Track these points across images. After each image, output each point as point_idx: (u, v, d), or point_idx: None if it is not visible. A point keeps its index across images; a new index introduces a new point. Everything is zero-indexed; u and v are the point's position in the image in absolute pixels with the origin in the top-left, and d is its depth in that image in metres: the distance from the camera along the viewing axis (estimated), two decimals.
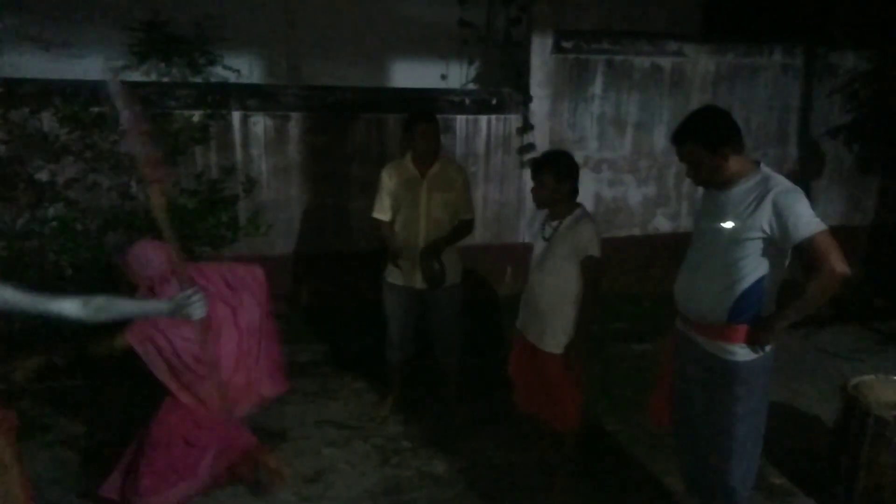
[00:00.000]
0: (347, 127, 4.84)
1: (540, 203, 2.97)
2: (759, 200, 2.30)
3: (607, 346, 4.55)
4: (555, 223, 2.93)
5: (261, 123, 4.65)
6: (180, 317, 2.25)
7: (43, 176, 3.92)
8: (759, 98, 5.68)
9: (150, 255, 2.73)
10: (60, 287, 3.82)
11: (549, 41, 5.06)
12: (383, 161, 4.94)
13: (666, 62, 5.40)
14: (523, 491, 3.15)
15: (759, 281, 2.36)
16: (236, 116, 4.59)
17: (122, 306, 2.21)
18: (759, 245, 2.32)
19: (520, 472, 3.29)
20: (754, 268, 2.35)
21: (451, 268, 3.46)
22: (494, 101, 5.08)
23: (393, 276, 3.53)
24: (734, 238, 2.36)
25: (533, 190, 2.95)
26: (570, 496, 3.10)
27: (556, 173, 2.86)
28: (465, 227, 3.57)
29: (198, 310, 2.25)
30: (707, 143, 2.36)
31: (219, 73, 4.68)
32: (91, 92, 3.90)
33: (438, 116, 3.56)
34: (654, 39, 5.38)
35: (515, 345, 3.20)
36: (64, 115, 3.61)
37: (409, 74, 5.34)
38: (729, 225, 2.36)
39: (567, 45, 5.12)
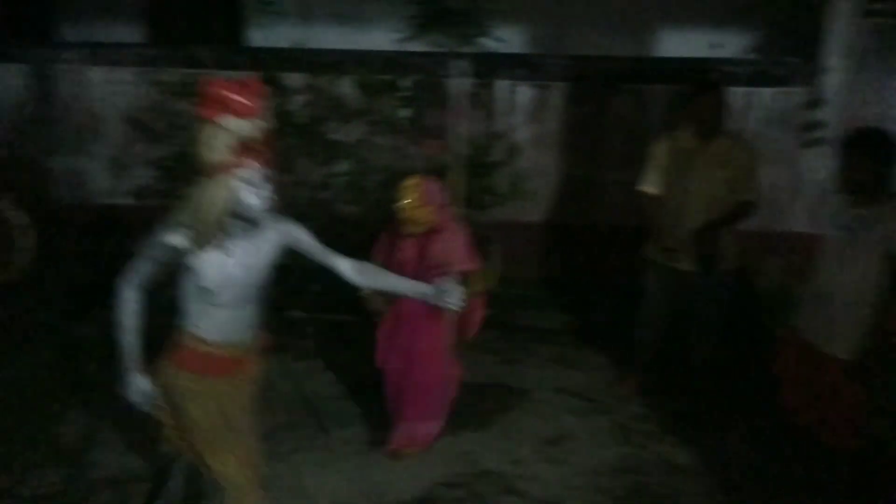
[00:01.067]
0: (609, 98, 4.74)
1: (848, 187, 2.63)
2: None
3: None
4: (862, 211, 2.58)
5: (524, 93, 4.76)
6: (439, 304, 2.24)
7: (336, 136, 4.46)
8: None
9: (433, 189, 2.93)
10: (343, 234, 4.37)
11: (856, 2, 4.40)
12: (645, 134, 4.77)
13: None
14: (782, 502, 2.89)
15: None
16: (502, 86, 4.75)
17: (389, 281, 2.34)
18: None
19: (779, 481, 3.00)
20: None
21: (724, 252, 3.24)
22: (779, 73, 4.58)
23: (655, 253, 3.41)
24: None
25: (841, 171, 2.62)
26: None
27: (874, 155, 2.51)
28: (746, 209, 3.28)
29: (455, 301, 2.21)
30: None
31: (488, 43, 4.88)
32: (380, 61, 4.32)
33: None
34: None
35: (788, 343, 2.91)
36: (359, 82, 4.04)
37: (677, 43, 5.05)
38: None
39: (879, 6, 4.40)
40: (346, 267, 2.28)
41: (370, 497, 2.83)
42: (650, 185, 3.39)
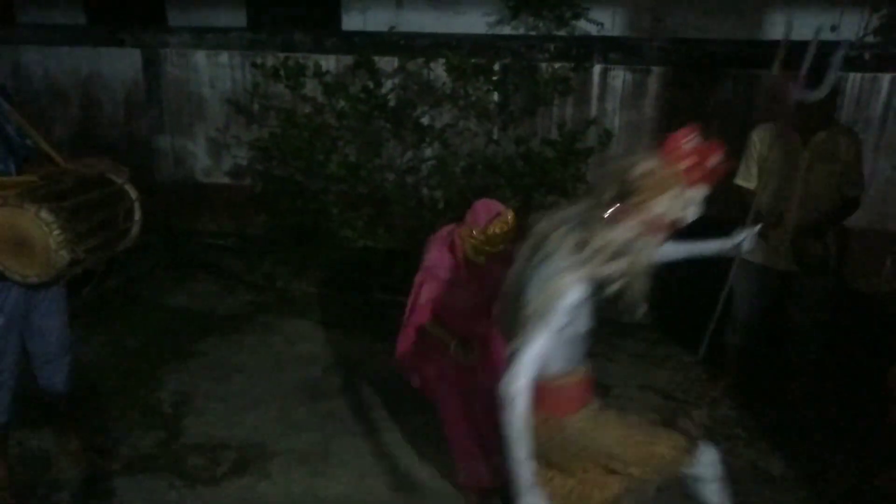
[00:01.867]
0: (710, 83, 4.48)
1: None
2: None
3: None
4: None
5: (620, 77, 4.58)
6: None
7: (425, 120, 4.46)
8: None
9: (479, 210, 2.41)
10: (427, 219, 4.38)
11: None
12: (748, 122, 4.49)
13: None
14: None
15: None
16: (596, 70, 4.59)
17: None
18: None
19: (878, 498, 2.79)
20: None
21: (828, 253, 3.02)
22: None
23: (751, 251, 3.21)
24: None
25: None
26: None
27: None
28: (851, 205, 3.08)
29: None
30: None
31: (583, 26, 4.73)
32: (471, 44, 4.27)
33: None
34: None
35: None
36: (451, 66, 4.01)
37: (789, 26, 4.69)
38: None
39: None
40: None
41: (447, 479, 2.82)
42: (745, 179, 3.18)
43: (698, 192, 1.72)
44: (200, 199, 5.35)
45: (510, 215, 2.39)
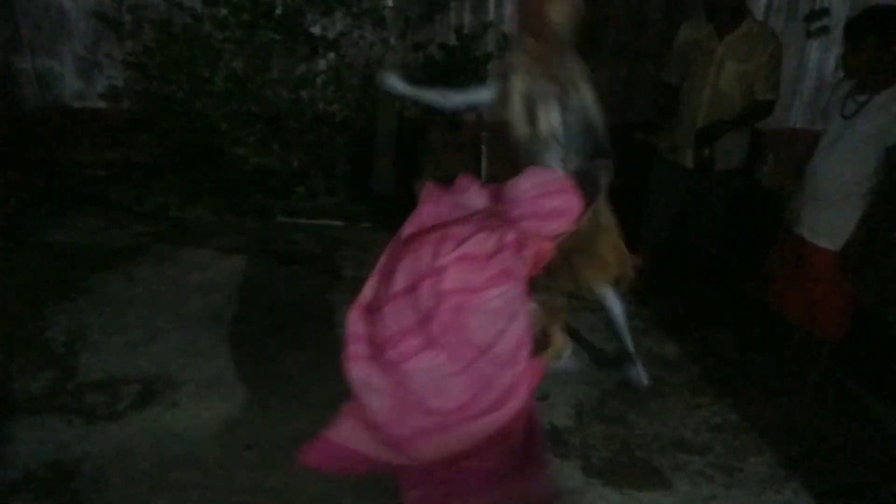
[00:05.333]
0: None
1: (852, 71, 2.49)
2: None
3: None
4: (863, 98, 2.45)
5: None
6: None
7: (316, 30, 4.20)
8: None
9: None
10: (327, 134, 4.20)
11: None
12: (643, 25, 4.54)
13: None
14: (759, 389, 2.95)
15: None
16: None
17: None
18: None
19: (758, 370, 3.07)
20: None
21: (731, 151, 3.11)
22: None
23: (665, 148, 3.28)
24: None
25: (844, 56, 2.47)
26: (815, 409, 2.83)
27: (881, 34, 2.35)
28: (761, 109, 3.09)
29: None
30: None
31: None
32: None
33: None
34: None
35: (780, 238, 2.87)
36: None
37: None
38: None
39: None
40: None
41: None
42: (668, 74, 3.22)
43: None
44: (74, 125, 4.88)
45: None
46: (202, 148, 3.98)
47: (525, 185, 1.75)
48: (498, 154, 4.75)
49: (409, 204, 1.94)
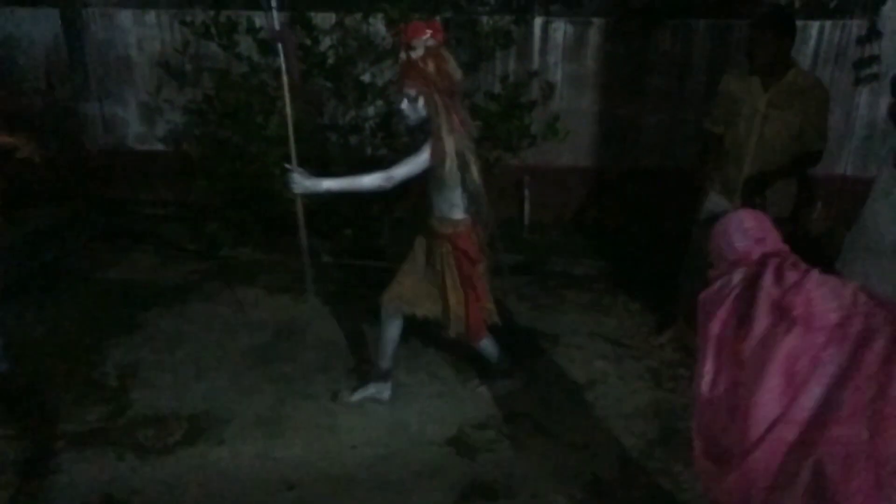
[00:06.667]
0: (651, 34, 4.52)
1: None
2: None
3: None
4: None
5: (560, 29, 4.56)
6: None
7: (366, 78, 4.36)
8: None
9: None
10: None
11: None
12: (688, 72, 4.57)
13: None
14: None
15: None
16: (537, 22, 4.56)
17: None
18: None
19: None
20: None
21: (780, 199, 3.04)
22: (833, 3, 4.29)
23: (711, 197, 3.26)
24: None
25: (891, 106, 2.45)
26: None
27: None
28: (810, 160, 3.02)
29: None
30: None
31: None
32: None
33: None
34: None
35: None
36: (390, 20, 3.91)
37: None
38: None
39: None
40: None
41: (401, 437, 2.85)
42: (712, 123, 3.22)
43: None
44: (135, 167, 5.13)
45: None
46: (254, 190, 4.13)
47: None
48: (540, 198, 4.81)
49: None
